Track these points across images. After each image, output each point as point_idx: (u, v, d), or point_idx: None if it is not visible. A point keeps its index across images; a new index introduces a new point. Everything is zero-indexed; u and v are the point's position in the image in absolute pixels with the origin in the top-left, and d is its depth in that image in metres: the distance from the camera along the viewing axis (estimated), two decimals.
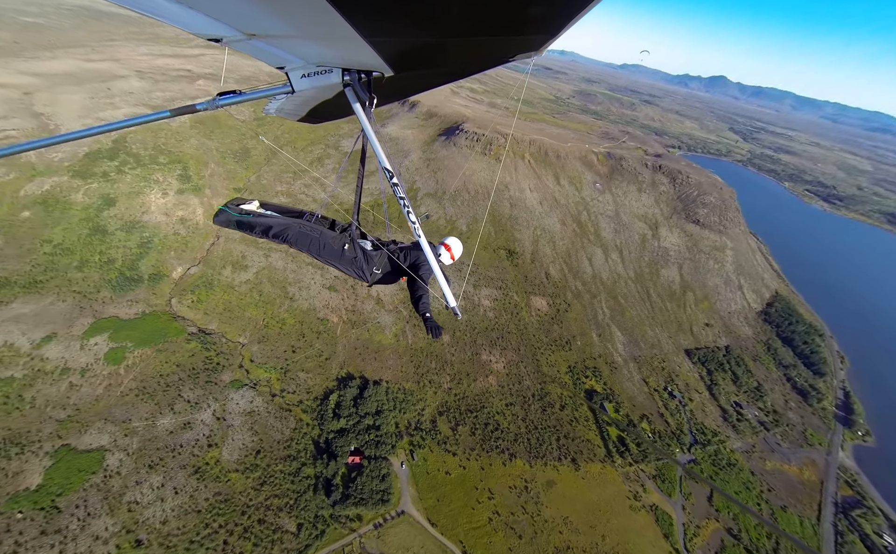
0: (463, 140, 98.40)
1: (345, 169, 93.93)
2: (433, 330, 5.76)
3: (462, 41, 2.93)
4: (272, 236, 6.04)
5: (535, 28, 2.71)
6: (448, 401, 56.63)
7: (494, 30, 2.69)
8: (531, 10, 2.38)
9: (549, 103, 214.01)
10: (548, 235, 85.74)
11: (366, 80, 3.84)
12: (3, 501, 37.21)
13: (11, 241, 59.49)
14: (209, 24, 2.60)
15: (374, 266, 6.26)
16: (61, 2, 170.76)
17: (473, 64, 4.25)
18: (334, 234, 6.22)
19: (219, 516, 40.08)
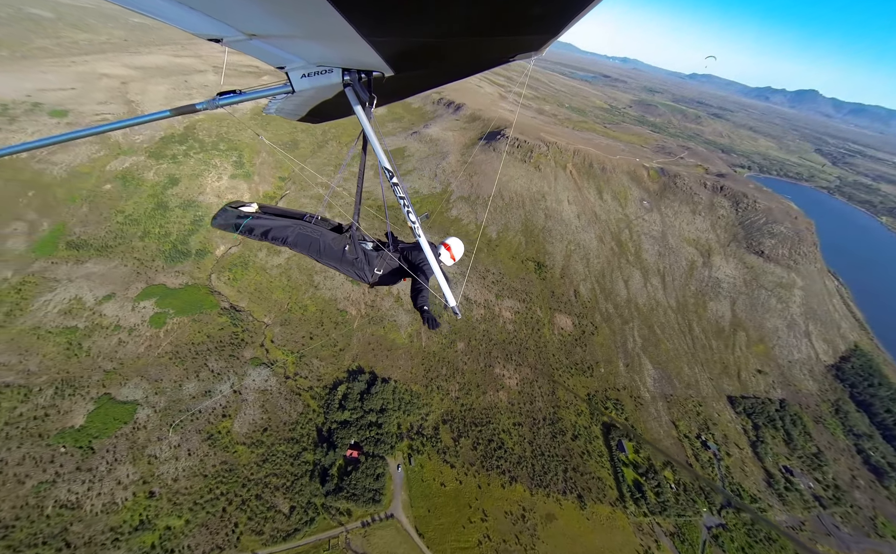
0: (503, 145, 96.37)
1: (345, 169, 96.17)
2: (430, 321, 5.85)
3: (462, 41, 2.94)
4: (271, 239, 6.01)
5: (535, 28, 2.71)
6: (454, 410, 55.28)
7: (495, 29, 2.68)
8: (531, 10, 2.37)
9: (601, 112, 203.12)
10: (582, 251, 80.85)
11: (366, 79, 3.86)
12: (53, 434, 42.65)
13: (94, 210, 68.61)
14: (209, 24, 2.61)
15: (375, 267, 6.24)
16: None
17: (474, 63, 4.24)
18: (335, 236, 6.17)
19: (222, 484, 42.51)
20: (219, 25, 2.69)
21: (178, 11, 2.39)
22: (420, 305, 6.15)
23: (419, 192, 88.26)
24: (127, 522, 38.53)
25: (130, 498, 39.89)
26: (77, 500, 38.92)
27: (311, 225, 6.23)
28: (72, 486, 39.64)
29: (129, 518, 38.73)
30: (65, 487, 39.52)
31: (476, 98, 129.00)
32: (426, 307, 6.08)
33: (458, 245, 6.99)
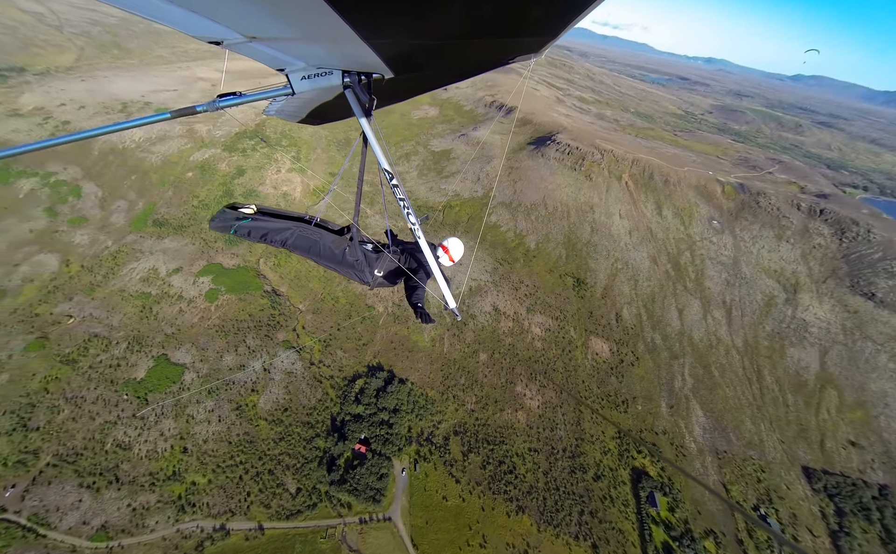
0: (553, 152, 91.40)
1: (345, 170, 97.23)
2: (423, 317, 5.97)
3: (462, 43, 2.92)
4: (269, 241, 6.01)
5: (535, 30, 2.72)
6: (467, 422, 53.44)
7: (494, 32, 2.66)
8: (531, 13, 2.43)
9: (673, 118, 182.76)
10: (630, 271, 73.14)
11: (366, 81, 3.86)
12: (120, 382, 50.02)
13: (177, 194, 79.52)
14: (209, 26, 2.62)
15: (375, 269, 6.22)
16: None
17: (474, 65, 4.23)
18: (334, 238, 6.14)
19: (242, 453, 46.06)
20: (219, 28, 2.69)
21: (179, 14, 2.39)
22: (414, 302, 6.35)
23: (460, 196, 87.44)
24: (163, 470, 43.59)
25: (168, 450, 45.08)
26: (129, 442, 45.06)
27: (310, 227, 6.20)
28: (127, 429, 46.03)
29: (165, 467, 43.77)
30: (122, 429, 46.03)
31: (530, 101, 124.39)
32: (420, 304, 6.29)
33: (456, 246, 6.91)
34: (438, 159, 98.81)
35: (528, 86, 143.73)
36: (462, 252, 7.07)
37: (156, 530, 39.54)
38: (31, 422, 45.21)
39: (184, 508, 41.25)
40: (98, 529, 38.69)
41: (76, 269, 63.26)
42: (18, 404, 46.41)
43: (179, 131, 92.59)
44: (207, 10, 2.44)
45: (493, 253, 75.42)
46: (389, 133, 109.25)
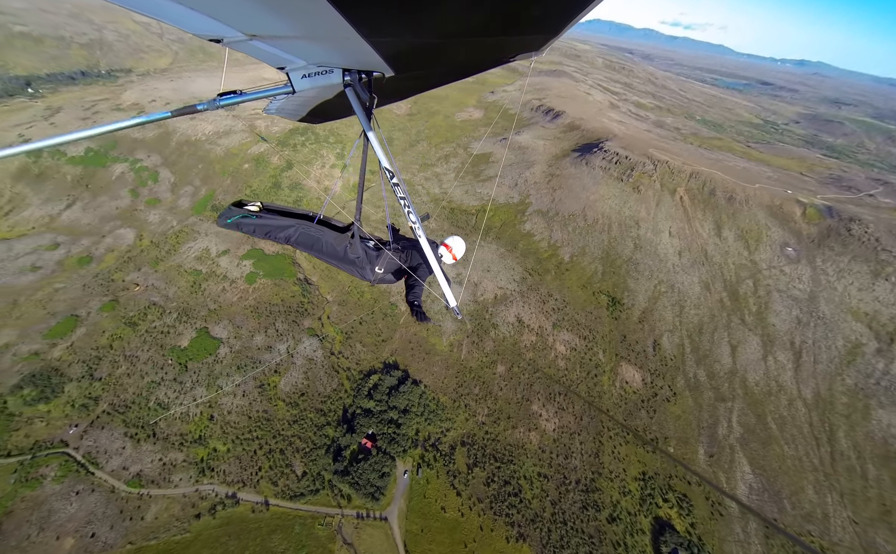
0: (599, 160, 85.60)
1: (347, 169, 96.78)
2: (419, 315, 6.05)
3: (462, 41, 2.93)
4: (274, 238, 6.21)
5: (535, 28, 2.70)
6: (476, 435, 51.71)
7: (495, 30, 2.66)
8: (531, 10, 2.40)
9: (748, 128, 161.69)
10: (676, 296, 65.83)
11: (366, 80, 3.89)
12: (167, 348, 55.91)
13: (234, 183, 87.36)
14: (210, 24, 2.63)
15: (376, 266, 6.30)
16: None
17: (474, 64, 4.25)
18: (336, 235, 6.26)
19: (259, 429, 48.96)
20: (219, 26, 2.68)
21: (179, 11, 2.39)
22: (411, 300, 6.39)
23: (495, 201, 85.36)
24: (191, 433, 47.81)
25: (198, 415, 49.36)
26: (167, 402, 50.12)
27: (313, 224, 6.32)
28: (168, 391, 51.26)
29: (193, 430, 47.96)
30: (164, 390, 51.37)
31: (580, 106, 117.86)
32: (417, 302, 6.32)
33: (458, 244, 6.94)
34: (477, 162, 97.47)
35: (579, 90, 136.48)
36: (464, 250, 7.04)
37: (179, 487, 43.43)
38: (96, 372, 52.23)
39: (204, 471, 44.82)
40: (134, 475, 43.43)
41: (146, 243, 72.19)
42: (89, 356, 53.88)
43: (241, 127, 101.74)
44: (208, 8, 2.42)
45: (523, 262, 72.45)
46: (431, 134, 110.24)
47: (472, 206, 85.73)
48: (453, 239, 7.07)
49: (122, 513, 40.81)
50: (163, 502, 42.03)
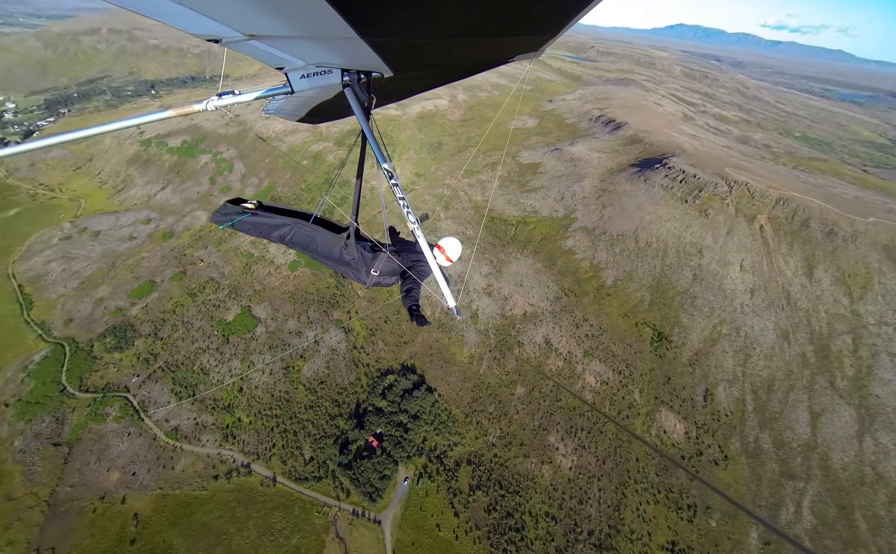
0: (661, 177, 77.08)
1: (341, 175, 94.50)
2: (418, 319, 6.02)
3: (462, 41, 2.94)
4: (268, 236, 6.20)
5: (534, 28, 2.72)
6: (484, 456, 49.08)
7: (494, 30, 2.68)
8: (530, 11, 2.40)
9: (867, 149, 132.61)
10: (740, 341, 56.07)
11: (365, 80, 3.91)
12: (215, 320, 62.34)
13: (292, 177, 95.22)
14: (208, 24, 2.64)
15: (372, 268, 6.27)
16: None
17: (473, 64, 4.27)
18: (332, 236, 6.23)
19: (278, 408, 51.99)
20: (218, 26, 2.66)
21: (176, 11, 2.36)
22: (408, 305, 6.30)
23: (538, 213, 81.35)
24: (223, 400, 52.44)
25: (230, 385, 54.03)
26: (208, 369, 55.69)
27: (308, 224, 6.28)
28: (210, 359, 56.99)
29: (225, 398, 52.56)
30: (207, 357, 57.22)
31: (646, 117, 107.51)
32: (415, 306, 6.23)
33: (452, 245, 6.83)
34: (524, 172, 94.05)
35: (648, 100, 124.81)
36: (460, 252, 6.88)
37: (205, 447, 47.78)
38: (160, 332, 60.09)
39: (228, 437, 48.78)
40: (172, 429, 48.83)
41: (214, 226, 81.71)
42: (157, 317, 62.26)
43: (307, 126, 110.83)
44: (205, 8, 2.38)
45: (560, 280, 67.73)
46: (480, 140, 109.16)
47: (513, 216, 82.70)
48: (447, 240, 6.84)
49: (159, 460, 46.01)
50: (190, 458, 46.54)
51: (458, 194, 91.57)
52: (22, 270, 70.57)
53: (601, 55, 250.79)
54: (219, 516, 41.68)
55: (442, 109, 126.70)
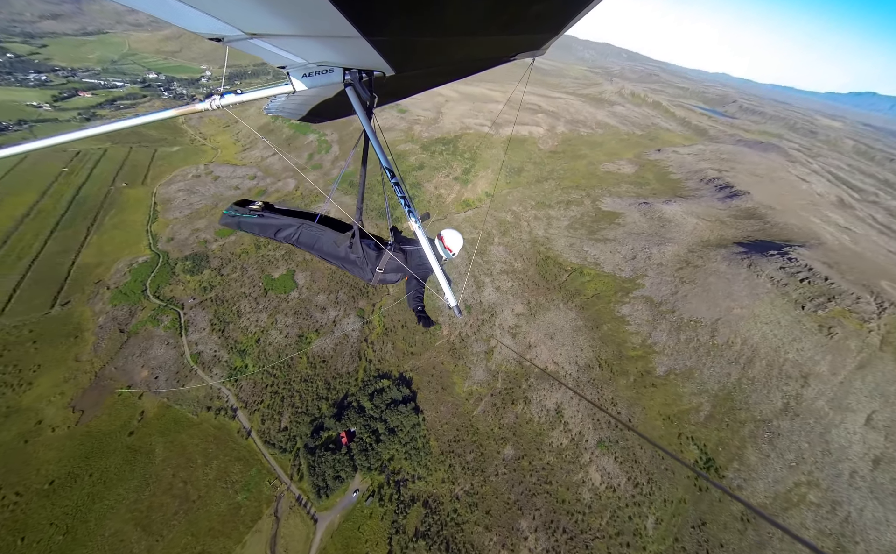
0: (773, 268, 60.59)
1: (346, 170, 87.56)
2: (424, 320, 6.30)
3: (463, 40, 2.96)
4: (275, 237, 6.40)
5: (536, 27, 2.72)
6: (444, 505, 44.03)
7: (495, 29, 2.68)
8: (532, 9, 2.40)
9: None
10: (836, 523, 39.36)
11: (367, 79, 3.92)
12: (264, 274, 70.06)
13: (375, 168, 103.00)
14: (210, 22, 2.67)
15: (376, 266, 6.44)
16: None
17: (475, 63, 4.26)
18: (337, 235, 6.41)
19: (278, 370, 55.32)
20: (219, 24, 2.69)
21: (179, 9, 2.42)
22: (414, 306, 6.56)
23: (599, 265, 71.69)
24: (241, 343, 58.15)
25: (254, 333, 59.71)
26: (242, 313, 62.57)
27: (314, 224, 6.47)
28: (247, 305, 64.03)
29: (243, 343, 58.23)
30: (246, 303, 64.36)
31: (778, 191, 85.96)
32: (420, 307, 6.50)
33: (453, 237, 6.90)
34: (599, 219, 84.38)
35: (790, 172, 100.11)
36: (460, 244, 6.89)
37: (212, 378, 53.42)
38: (222, 269, 70.10)
39: (231, 378, 53.73)
40: (196, 352, 55.97)
41: (297, 193, 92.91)
42: (226, 256, 72.86)
43: (403, 127, 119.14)
44: (208, 6, 2.41)
45: (598, 348, 58.02)
46: (565, 176, 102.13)
47: (570, 262, 74.49)
48: (447, 231, 6.85)
49: (177, 374, 53.07)
50: (198, 382, 52.52)
51: (520, 223, 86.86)
52: (161, 192, 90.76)
53: (743, 112, 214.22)
54: (196, 444, 45.78)
55: (535, 136, 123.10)
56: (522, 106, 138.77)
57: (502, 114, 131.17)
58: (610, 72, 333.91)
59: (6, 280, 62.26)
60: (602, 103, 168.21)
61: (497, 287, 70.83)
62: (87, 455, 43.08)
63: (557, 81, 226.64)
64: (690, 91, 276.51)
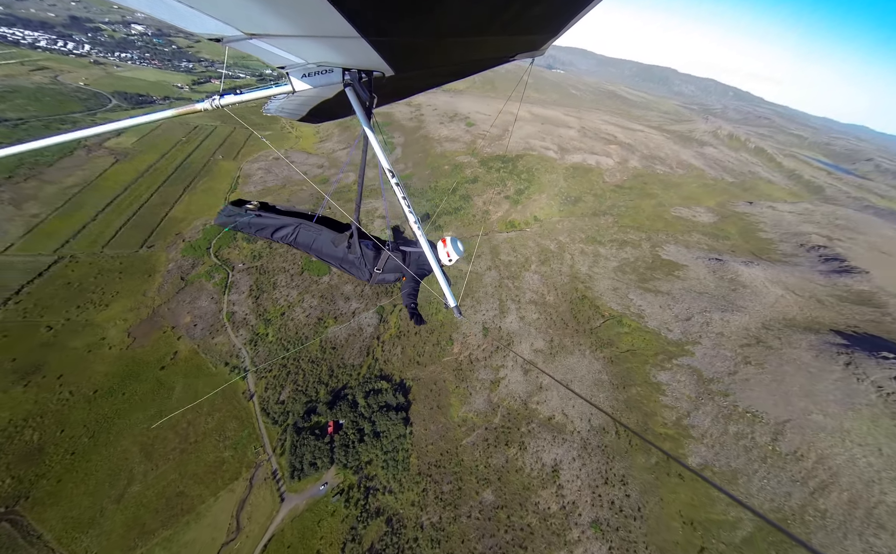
0: (884, 376, 46.90)
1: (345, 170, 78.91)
2: (416, 318, 6.42)
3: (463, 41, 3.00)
4: (272, 237, 6.36)
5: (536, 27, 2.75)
6: (406, 529, 41.67)
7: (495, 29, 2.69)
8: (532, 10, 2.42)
9: None
10: None
11: (366, 79, 3.91)
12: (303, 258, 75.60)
13: (431, 174, 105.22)
14: (210, 23, 2.66)
15: (374, 266, 6.42)
16: (596, 85, 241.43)
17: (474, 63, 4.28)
18: (335, 235, 6.37)
19: (292, 346, 58.53)
20: (219, 25, 2.71)
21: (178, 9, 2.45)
22: (407, 303, 6.63)
23: (642, 319, 62.92)
24: (268, 314, 63.02)
25: (282, 306, 64.40)
26: (277, 285, 68.05)
27: (312, 224, 6.40)
28: (283, 279, 69.48)
29: (270, 312, 63.04)
30: (282, 277, 69.99)
31: None
32: (412, 305, 6.57)
33: (454, 243, 6.90)
34: (655, 267, 74.47)
35: None
36: (462, 251, 6.94)
37: (237, 338, 58.62)
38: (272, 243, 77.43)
39: (252, 341, 58.41)
40: (231, 311, 62.10)
41: (354, 186, 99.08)
42: None
43: (466, 139, 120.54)
44: (208, 7, 2.44)
45: (620, 410, 50.49)
46: (625, 213, 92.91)
47: (609, 308, 66.74)
48: (450, 237, 6.89)
49: (211, 327, 59.43)
50: (225, 338, 58.09)
51: (563, 254, 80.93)
52: (245, 168, 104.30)
53: (881, 173, 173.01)
54: (206, 392, 50.42)
55: (603, 167, 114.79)
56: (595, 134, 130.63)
57: (572, 140, 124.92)
58: (708, 109, 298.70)
59: (118, 220, 76.79)
60: (690, 142, 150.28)
61: (521, 316, 66.39)
62: (125, 376, 50.22)
63: (642, 114, 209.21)
64: (810, 141, 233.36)
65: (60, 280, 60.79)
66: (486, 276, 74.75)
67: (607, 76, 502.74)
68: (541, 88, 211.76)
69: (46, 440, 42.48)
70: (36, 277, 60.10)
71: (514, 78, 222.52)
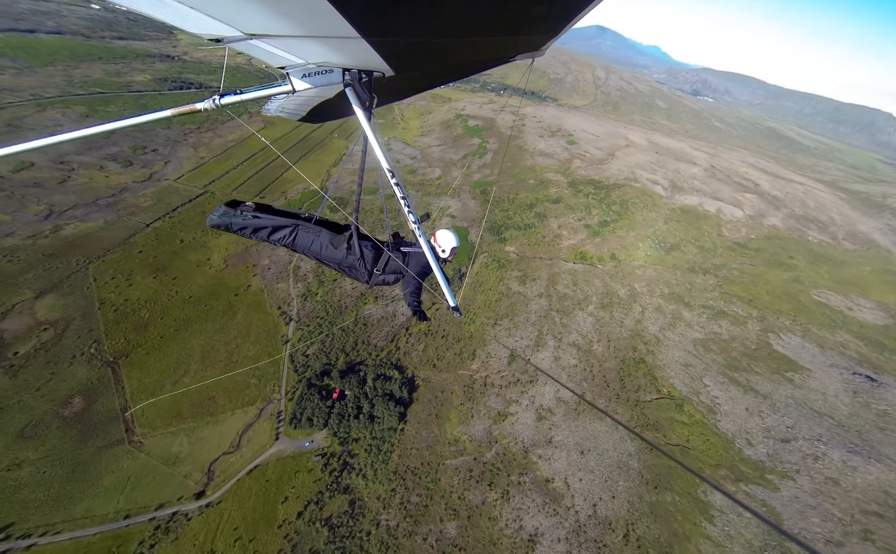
0: None
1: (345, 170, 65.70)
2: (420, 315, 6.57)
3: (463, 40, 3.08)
4: (269, 239, 6.18)
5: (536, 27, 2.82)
6: (363, 522, 41.80)
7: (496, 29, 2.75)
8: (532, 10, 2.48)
9: None
10: None
11: (366, 79, 3.94)
12: None
13: (514, 186, 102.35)
14: (209, 23, 2.67)
15: (373, 267, 6.39)
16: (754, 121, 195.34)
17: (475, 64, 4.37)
18: (334, 236, 6.22)
19: (333, 311, 64.29)
20: (219, 25, 2.72)
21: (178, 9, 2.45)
22: (411, 302, 6.71)
23: (715, 416, 49.23)
24: (325, 275, 70.57)
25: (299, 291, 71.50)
26: None
27: (310, 225, 6.25)
28: None
29: (328, 276, 70.52)
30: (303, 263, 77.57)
31: None
32: (415, 304, 6.68)
33: (447, 237, 6.99)
34: (759, 358, 57.16)
35: None
36: (454, 243, 6.97)
37: (294, 289, 67.37)
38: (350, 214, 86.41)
39: (304, 295, 66.26)
40: (297, 266, 71.66)
41: (437, 182, 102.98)
42: None
43: (563, 157, 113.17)
44: (207, 7, 2.47)
45: (640, 513, 40.78)
46: (737, 278, 73.82)
47: (671, 385, 54.24)
48: (441, 231, 6.99)
49: (280, 273, 69.57)
50: (285, 287, 67.50)
51: (632, 304, 69.25)
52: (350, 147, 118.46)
53: None
54: (257, 325, 59.48)
55: (724, 217, 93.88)
56: (727, 177, 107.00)
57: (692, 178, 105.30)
58: None
59: (250, 171, 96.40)
60: (879, 210, 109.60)
61: (557, 357, 59.34)
62: (211, 292, 62.94)
63: (813, 163, 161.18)
64: None
65: (199, 208, 79.52)
66: (535, 302, 69.03)
67: (776, 111, 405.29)
68: (673, 115, 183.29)
69: (152, 320, 56.36)
70: (187, 202, 79.96)
71: (645, 102, 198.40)
